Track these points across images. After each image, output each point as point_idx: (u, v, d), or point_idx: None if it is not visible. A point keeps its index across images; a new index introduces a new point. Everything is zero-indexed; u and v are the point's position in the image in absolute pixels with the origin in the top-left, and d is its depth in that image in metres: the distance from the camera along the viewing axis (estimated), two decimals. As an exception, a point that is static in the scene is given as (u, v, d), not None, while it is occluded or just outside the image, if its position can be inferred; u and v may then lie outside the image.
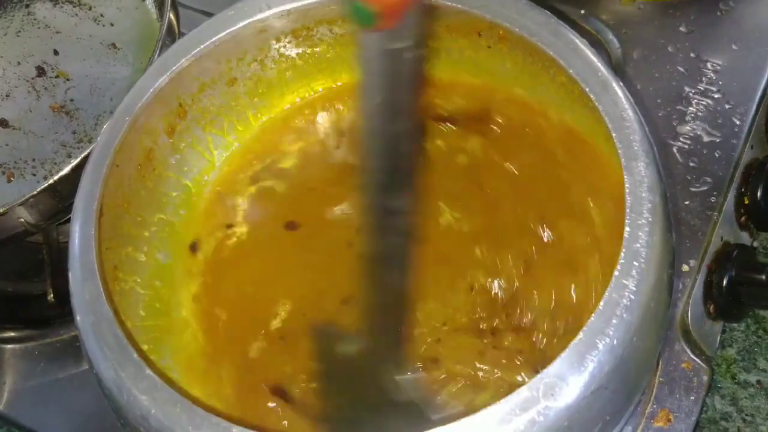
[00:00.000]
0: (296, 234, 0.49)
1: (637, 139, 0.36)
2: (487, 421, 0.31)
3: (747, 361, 0.57)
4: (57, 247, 0.59)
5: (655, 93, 0.60)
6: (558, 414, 0.32)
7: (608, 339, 0.32)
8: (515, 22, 0.42)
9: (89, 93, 0.63)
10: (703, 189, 0.56)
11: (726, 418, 0.55)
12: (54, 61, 0.65)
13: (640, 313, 0.33)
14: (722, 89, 0.60)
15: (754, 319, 0.58)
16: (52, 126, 0.61)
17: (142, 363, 0.36)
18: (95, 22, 0.66)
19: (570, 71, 0.39)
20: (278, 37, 0.49)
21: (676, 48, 0.62)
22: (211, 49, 0.46)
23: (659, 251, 0.35)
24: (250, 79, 0.50)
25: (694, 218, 0.55)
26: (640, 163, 0.36)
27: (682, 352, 0.51)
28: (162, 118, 0.47)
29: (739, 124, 0.58)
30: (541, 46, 0.41)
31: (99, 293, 0.38)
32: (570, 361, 0.32)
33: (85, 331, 0.38)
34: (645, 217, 0.35)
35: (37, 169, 0.59)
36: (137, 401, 0.35)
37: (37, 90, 0.63)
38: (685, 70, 0.61)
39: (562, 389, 0.32)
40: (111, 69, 0.64)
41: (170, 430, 0.34)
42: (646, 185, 0.35)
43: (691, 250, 0.54)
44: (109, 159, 0.43)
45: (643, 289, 0.33)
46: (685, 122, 0.59)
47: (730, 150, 0.57)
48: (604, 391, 0.33)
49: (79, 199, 0.42)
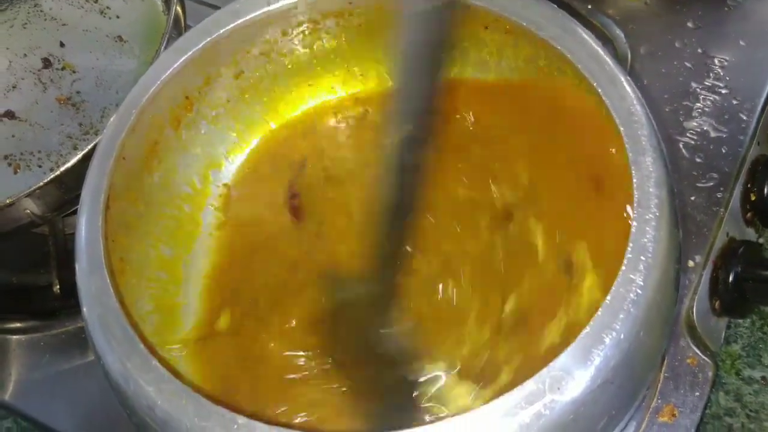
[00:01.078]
0: (303, 225, 0.49)
1: (645, 134, 0.36)
2: (493, 414, 0.31)
3: (752, 357, 0.57)
4: (63, 238, 0.59)
5: (661, 88, 0.60)
6: (564, 408, 0.32)
7: (615, 333, 0.32)
8: (522, 16, 0.42)
9: (95, 85, 0.63)
10: (710, 185, 0.56)
11: (730, 414, 0.55)
12: (60, 53, 0.65)
13: (647, 307, 0.33)
14: (729, 85, 0.60)
15: (760, 315, 0.58)
16: (58, 118, 0.61)
17: (149, 354, 0.36)
18: (101, 14, 0.66)
19: (578, 66, 0.39)
20: (285, 31, 0.49)
21: (683, 43, 0.62)
22: (218, 42, 0.46)
23: (666, 246, 0.35)
24: (257, 72, 0.50)
25: (700, 214, 0.55)
26: (647, 158, 0.36)
27: (687, 347, 0.51)
28: (168, 111, 0.47)
29: (746, 119, 0.58)
30: (548, 41, 0.41)
31: (106, 285, 0.39)
32: (576, 355, 0.32)
33: (92, 323, 0.38)
34: (652, 212, 0.35)
35: (43, 161, 0.59)
36: (144, 392, 0.35)
37: (44, 82, 0.63)
38: (692, 66, 0.61)
39: (569, 383, 0.32)
40: (117, 61, 0.64)
41: (177, 420, 0.34)
42: (654, 180, 0.35)
43: (696, 246, 0.54)
44: (116, 152, 0.43)
45: (650, 283, 0.33)
46: (692, 118, 0.59)
47: (737, 146, 0.57)
48: (610, 386, 0.33)
49: (85, 191, 0.42)
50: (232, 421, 0.33)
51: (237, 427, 0.33)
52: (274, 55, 0.50)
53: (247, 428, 0.33)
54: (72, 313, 0.59)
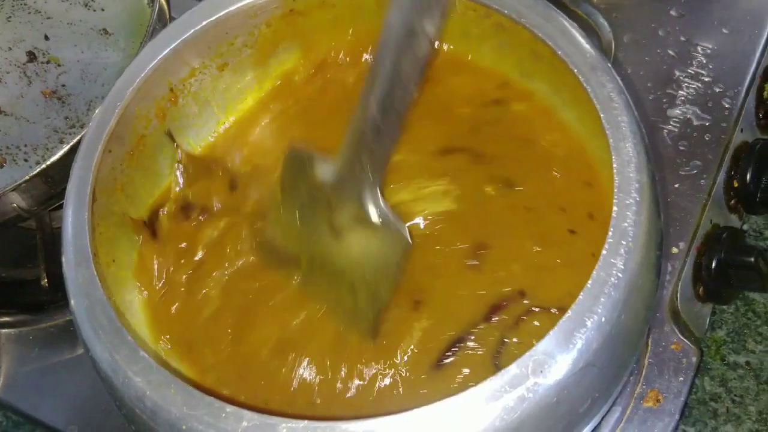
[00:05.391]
0: None
1: (625, 120, 0.37)
2: (477, 398, 0.32)
3: (736, 342, 0.57)
4: (50, 232, 0.59)
5: (645, 76, 0.60)
6: (547, 390, 0.32)
7: (596, 317, 0.33)
8: (504, 4, 0.42)
9: (81, 78, 0.63)
10: (693, 172, 0.56)
11: (715, 399, 0.55)
12: (45, 47, 0.64)
13: (628, 291, 0.34)
14: (712, 73, 0.60)
15: (744, 301, 0.59)
16: (44, 111, 0.61)
17: (137, 345, 0.36)
18: (86, 7, 0.66)
19: (558, 53, 0.39)
20: (268, 22, 0.49)
21: (667, 32, 0.62)
22: (201, 33, 0.46)
23: (647, 231, 0.35)
24: (241, 63, 0.50)
25: (683, 201, 0.55)
26: (628, 143, 0.36)
27: (672, 333, 0.52)
28: (153, 103, 0.47)
29: (728, 107, 0.59)
30: (529, 28, 0.41)
31: (92, 277, 0.39)
32: (558, 339, 0.33)
33: (80, 314, 0.38)
34: (633, 197, 0.35)
35: (30, 155, 0.59)
36: (132, 383, 0.36)
37: (29, 76, 0.63)
38: (676, 54, 0.61)
39: (551, 366, 0.32)
40: (102, 54, 0.63)
41: (166, 411, 0.35)
42: (634, 165, 0.36)
43: (680, 233, 0.54)
44: (101, 144, 0.43)
45: (631, 267, 0.34)
46: (676, 105, 0.59)
47: (720, 133, 0.58)
48: (593, 369, 0.33)
49: (71, 184, 0.42)
50: (220, 409, 0.34)
51: (225, 415, 0.34)
52: (258, 46, 0.50)
53: (234, 417, 0.33)
54: (60, 307, 0.59)
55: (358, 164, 0.41)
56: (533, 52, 0.43)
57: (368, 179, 0.41)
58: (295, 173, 0.43)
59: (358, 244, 0.42)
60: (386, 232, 0.42)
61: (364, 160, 0.41)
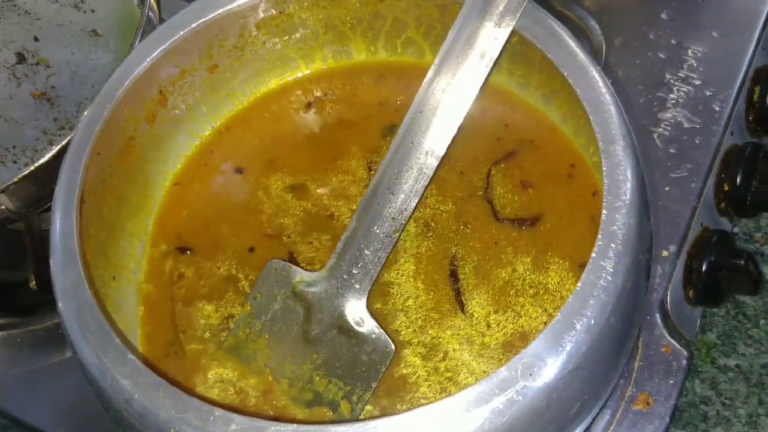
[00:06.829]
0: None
1: (615, 122, 0.37)
2: (466, 400, 0.32)
3: (727, 345, 0.57)
4: (39, 234, 0.59)
5: (636, 80, 0.60)
6: (536, 393, 0.32)
7: (585, 319, 0.33)
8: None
9: (70, 80, 0.62)
10: (684, 175, 0.57)
11: (705, 402, 0.55)
12: (34, 48, 0.64)
13: (617, 294, 0.34)
14: (703, 76, 0.60)
15: (734, 304, 0.59)
16: (33, 113, 0.61)
17: (124, 348, 0.36)
18: (76, 8, 0.66)
19: (548, 56, 0.39)
20: (258, 24, 0.49)
21: (658, 35, 0.63)
22: (191, 35, 0.46)
23: (636, 233, 0.35)
24: (231, 65, 0.50)
25: (674, 204, 0.55)
26: (617, 146, 0.36)
27: (662, 336, 0.52)
28: (142, 105, 0.47)
29: (719, 110, 0.59)
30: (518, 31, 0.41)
31: (80, 279, 0.39)
32: (548, 341, 0.33)
33: (67, 317, 0.38)
34: (622, 200, 0.35)
35: (18, 157, 0.59)
36: (120, 386, 0.35)
37: (18, 77, 0.63)
38: (667, 57, 0.61)
39: (541, 369, 0.32)
40: (92, 56, 0.63)
41: (153, 414, 0.34)
42: (624, 168, 0.36)
43: (671, 236, 0.54)
44: (90, 146, 0.43)
45: (620, 270, 0.34)
46: (666, 109, 0.59)
47: (711, 136, 0.58)
48: (582, 371, 0.33)
49: (60, 186, 0.42)
50: (209, 413, 0.34)
51: (213, 419, 0.34)
52: (248, 48, 0.50)
53: (223, 420, 0.33)
54: (49, 309, 0.59)
55: (347, 274, 0.42)
56: (523, 55, 0.43)
57: (355, 290, 0.42)
58: (272, 283, 0.44)
59: (335, 350, 0.42)
60: (368, 339, 0.41)
61: (354, 272, 0.42)
